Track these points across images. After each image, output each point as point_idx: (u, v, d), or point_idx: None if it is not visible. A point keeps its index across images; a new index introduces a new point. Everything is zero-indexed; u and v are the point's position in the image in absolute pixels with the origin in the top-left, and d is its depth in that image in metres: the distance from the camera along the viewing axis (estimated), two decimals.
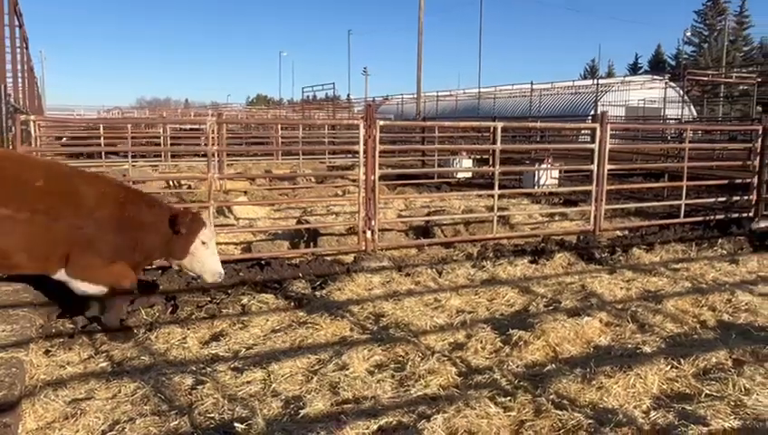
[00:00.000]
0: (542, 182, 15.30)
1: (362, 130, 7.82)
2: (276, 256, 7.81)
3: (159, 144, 20.60)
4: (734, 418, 3.88)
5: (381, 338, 5.25)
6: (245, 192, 13.47)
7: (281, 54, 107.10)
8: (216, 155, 14.40)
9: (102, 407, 4.05)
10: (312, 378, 4.46)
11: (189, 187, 14.40)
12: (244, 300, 6.37)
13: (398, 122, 23.30)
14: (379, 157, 8.15)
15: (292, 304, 6.29)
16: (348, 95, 63.43)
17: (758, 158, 10.90)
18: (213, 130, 15.38)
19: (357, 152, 8.10)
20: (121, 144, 18.03)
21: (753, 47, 73.53)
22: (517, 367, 4.73)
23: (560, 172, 16.19)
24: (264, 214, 11.48)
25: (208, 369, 4.63)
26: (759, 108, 27.18)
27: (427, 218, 10.16)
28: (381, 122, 8.36)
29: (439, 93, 50.61)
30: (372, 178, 8.06)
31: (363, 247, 8.11)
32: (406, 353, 4.89)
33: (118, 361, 4.90)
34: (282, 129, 23.38)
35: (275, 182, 15.86)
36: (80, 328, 5.55)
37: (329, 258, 8.03)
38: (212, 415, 3.94)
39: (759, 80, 34.72)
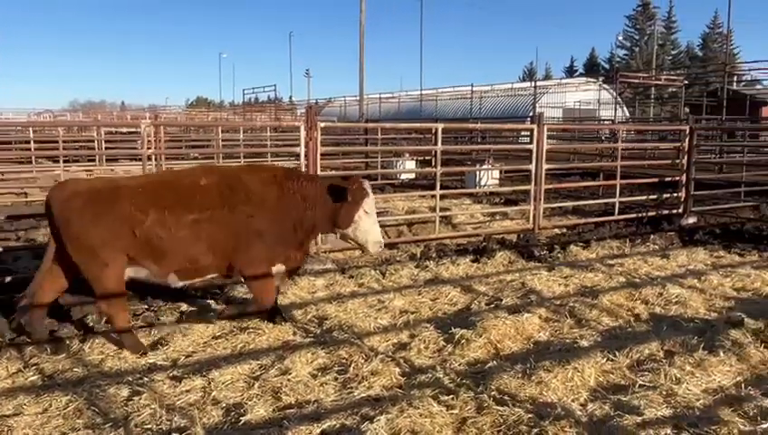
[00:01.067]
0: (483, 182, 15.55)
1: (303, 133, 7.76)
2: None
3: (94, 148, 19.89)
4: (666, 407, 4.03)
5: (325, 341, 5.22)
6: None
7: (221, 56, 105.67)
8: (152, 158, 14.00)
9: (32, 423, 3.87)
10: (253, 384, 4.39)
11: None
12: (184, 307, 6.21)
13: (339, 124, 23.27)
14: (322, 159, 8.11)
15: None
16: (290, 97, 62.96)
17: (686, 157, 11.39)
18: (149, 133, 14.97)
19: (299, 155, 8.04)
20: (53, 148, 17.33)
21: (680, 51, 76.97)
22: (460, 365, 4.78)
23: (500, 172, 16.50)
24: None
25: (145, 379, 4.49)
26: (687, 109, 28.45)
27: None
28: (322, 124, 8.33)
29: (382, 95, 50.81)
30: None
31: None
32: (349, 356, 4.87)
33: (49, 373, 4.69)
34: (222, 131, 22.95)
35: None
36: (7, 341, 5.29)
37: None
38: (149, 426, 3.82)
39: (686, 82, 36.34)
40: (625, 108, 40.83)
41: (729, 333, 5.23)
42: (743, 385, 4.34)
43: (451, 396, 4.13)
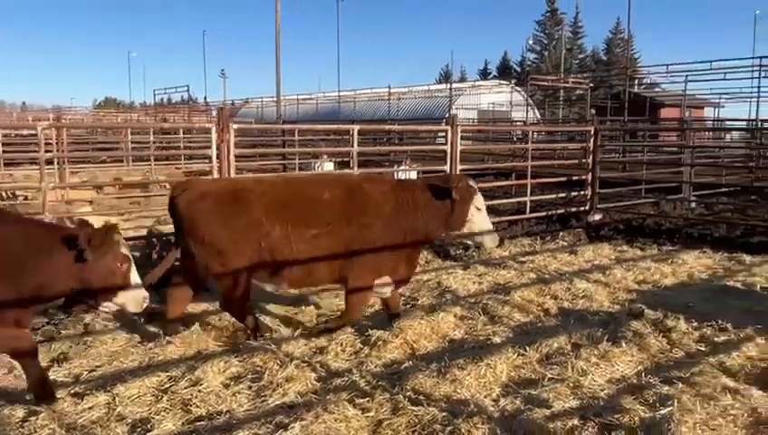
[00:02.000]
0: None
1: (215, 135, 7.55)
2: None
3: None
4: (573, 398, 4.18)
5: (239, 349, 5.08)
6: (91, 201, 12.52)
7: (130, 55, 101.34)
8: (54, 162, 13.26)
9: None
10: (161, 397, 4.21)
11: (26, 197, 13.12)
12: (87, 319, 5.89)
13: (253, 126, 22.83)
14: (237, 161, 7.92)
15: (143, 319, 5.91)
16: (204, 98, 61.21)
17: (591, 156, 11.92)
18: (50, 136, 14.18)
19: (211, 157, 7.80)
20: None
21: (586, 55, 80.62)
22: (376, 367, 4.78)
23: (417, 173, 16.70)
24: None
25: None
26: (593, 111, 29.79)
27: None
28: (235, 126, 8.12)
29: (300, 97, 50.40)
30: None
31: None
32: (264, 362, 4.76)
33: None
34: (132, 133, 22.05)
35: (125, 190, 14.90)
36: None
37: None
38: None
39: (592, 85, 38.09)
40: (536, 109, 42.35)
41: (631, 325, 5.51)
42: (643, 374, 4.57)
43: (367, 399, 4.11)
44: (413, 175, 16.27)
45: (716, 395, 4.15)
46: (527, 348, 4.99)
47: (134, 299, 4.26)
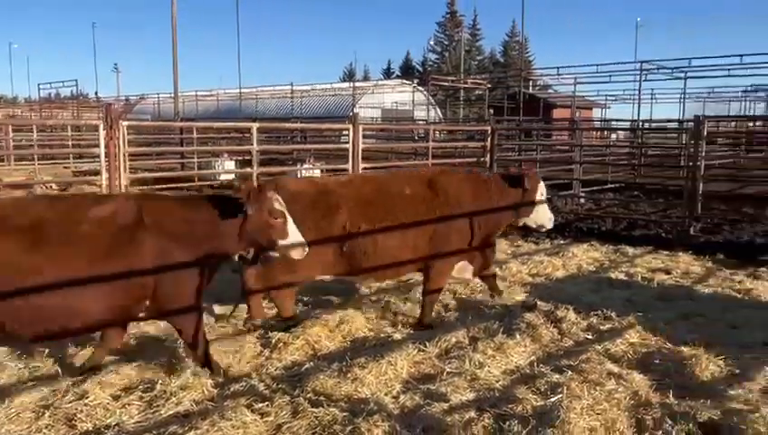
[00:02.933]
0: None
1: (102, 132, 7.15)
2: None
3: None
4: (470, 391, 4.29)
5: (132, 358, 4.83)
6: None
7: (11, 46, 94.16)
8: None
9: None
10: (43, 413, 3.91)
11: None
12: None
13: (147, 123, 21.89)
14: (131, 160, 7.55)
15: None
16: (96, 93, 57.98)
17: (489, 154, 12.31)
18: None
19: (99, 156, 7.39)
20: None
21: (484, 57, 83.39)
22: (276, 370, 4.69)
23: (322, 172, 16.61)
24: None
25: None
26: (491, 110, 30.91)
27: None
28: (126, 123, 7.74)
29: (199, 93, 48.83)
30: (119, 183, 7.43)
31: None
32: (158, 371, 4.56)
33: None
34: (13, 130, 20.52)
35: (6, 191, 13.84)
36: None
37: None
38: None
39: (489, 86, 39.43)
40: (438, 109, 43.30)
41: (524, 317, 5.73)
42: (535, 363, 4.76)
43: (266, 403, 4.03)
44: (317, 173, 16.20)
45: (602, 381, 4.40)
46: (427, 344, 5.07)
47: (294, 249, 4.66)
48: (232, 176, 17.01)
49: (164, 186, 14.64)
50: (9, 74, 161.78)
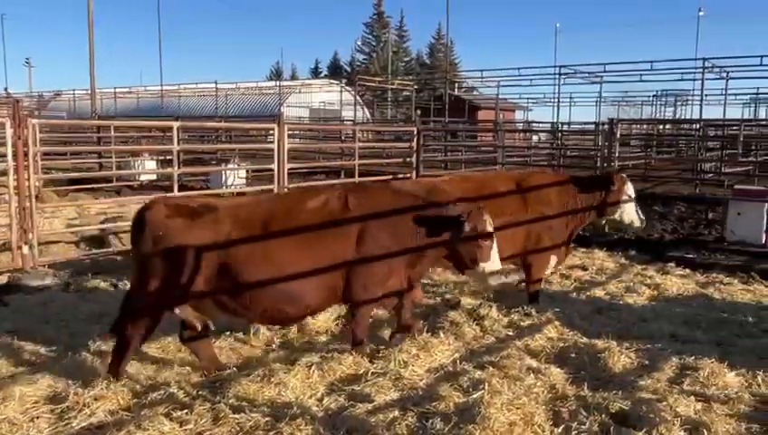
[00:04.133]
0: (229, 182, 15.22)
1: (9, 130, 6.76)
2: None
3: None
4: (394, 390, 4.32)
5: (45, 369, 4.58)
6: None
7: None
8: None
9: None
10: None
11: None
12: None
13: (59, 121, 20.88)
14: (45, 159, 7.17)
15: None
16: (5, 89, 54.75)
17: (415, 155, 12.46)
18: None
19: (5, 155, 6.98)
20: None
21: (411, 58, 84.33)
22: (198, 376, 4.57)
23: (247, 172, 16.33)
24: None
25: None
26: (418, 111, 31.34)
27: (102, 226, 9.30)
28: (36, 121, 7.35)
29: (118, 90, 46.99)
30: (29, 184, 7.05)
31: (20, 265, 7.03)
32: (70, 382, 4.34)
33: None
34: None
35: None
36: None
37: None
38: None
39: (416, 87, 39.90)
40: (365, 109, 43.43)
41: (448, 315, 5.83)
42: (458, 361, 4.85)
43: (185, 411, 3.90)
44: (242, 174, 15.92)
45: (521, 376, 4.53)
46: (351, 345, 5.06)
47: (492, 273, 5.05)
48: (153, 176, 16.49)
49: (80, 186, 14.01)
50: None
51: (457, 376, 4.53)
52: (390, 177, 13.52)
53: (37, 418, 3.84)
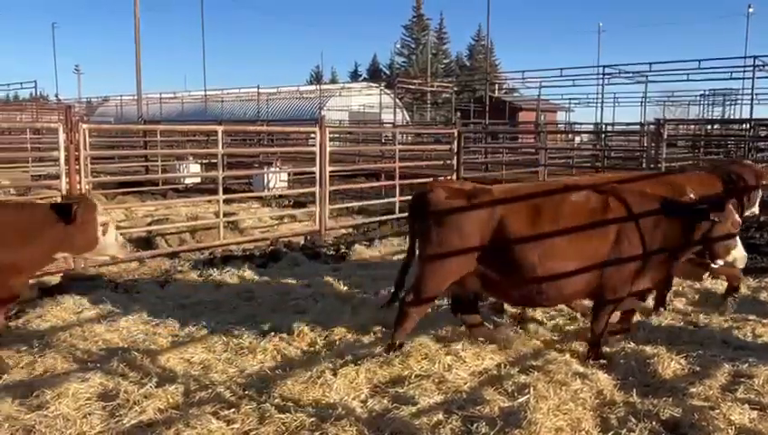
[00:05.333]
0: (271, 185, 15.43)
1: (62, 135, 6.98)
2: None
3: None
4: (438, 393, 4.30)
5: (96, 367, 4.71)
6: None
7: None
8: None
9: None
10: (1, 426, 3.79)
11: None
12: None
13: (107, 126, 21.48)
14: (94, 163, 7.39)
15: None
16: (56, 95, 56.68)
17: (456, 157, 12.40)
18: None
19: (58, 160, 7.21)
20: None
21: (451, 60, 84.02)
22: (245, 375, 4.63)
23: (289, 175, 16.52)
24: None
25: None
26: (458, 113, 31.24)
27: (148, 228, 9.52)
28: (86, 126, 7.58)
29: (163, 95, 48.14)
30: (80, 187, 7.27)
31: (71, 266, 7.24)
32: (122, 380, 4.45)
33: None
34: None
35: None
36: None
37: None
38: None
39: (456, 89, 39.75)
40: (405, 112, 43.48)
41: (493, 318, 5.77)
42: (503, 365, 4.80)
43: (232, 410, 3.97)
44: (284, 177, 16.12)
45: (568, 380, 4.45)
46: (395, 347, 5.05)
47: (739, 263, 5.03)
48: (197, 179, 16.83)
49: (127, 189, 14.38)
50: None
51: (502, 380, 4.49)
52: (431, 179, 13.53)
53: (90, 414, 3.94)
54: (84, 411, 3.96)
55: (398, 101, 38.45)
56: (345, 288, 7.09)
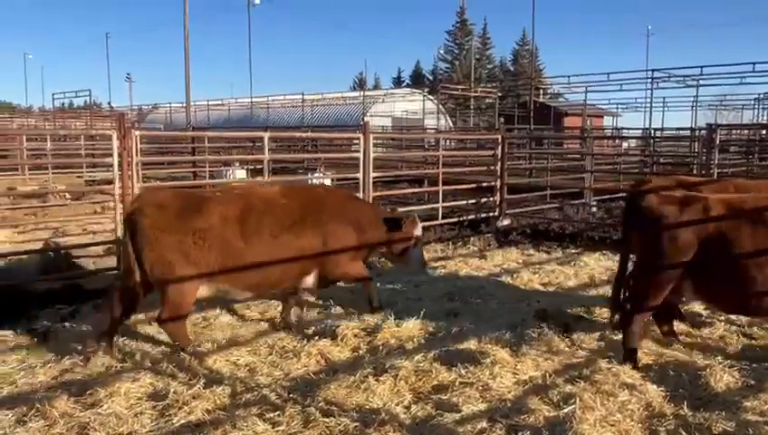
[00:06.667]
0: None
1: (115, 142, 7.21)
2: (16, 285, 6.84)
3: None
4: (482, 401, 4.27)
5: (146, 368, 4.85)
6: None
7: (26, 57, 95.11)
8: None
9: None
10: (57, 422, 3.94)
11: None
12: None
13: (157, 132, 22.04)
14: (144, 169, 7.61)
15: (36, 339, 5.55)
16: (109, 103, 58.51)
17: (500, 163, 12.29)
18: None
19: (112, 165, 7.45)
20: None
21: (495, 65, 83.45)
22: (290, 379, 4.69)
23: (332, 181, 16.65)
24: (3, 238, 10.01)
25: None
26: (501, 119, 30.96)
27: None
28: (138, 133, 7.81)
29: (210, 103, 49.18)
30: (132, 192, 7.48)
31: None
32: (171, 380, 4.57)
33: None
34: (28, 140, 20.75)
35: (20, 201, 13.98)
36: None
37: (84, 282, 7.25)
38: None
39: (500, 94, 39.43)
40: (448, 117, 43.34)
41: (537, 326, 5.69)
42: (548, 374, 4.72)
43: (277, 412, 4.04)
44: (327, 182, 16.25)
45: (615, 391, 4.36)
46: (439, 353, 5.05)
47: None
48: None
49: None
50: (24, 84, 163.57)
51: (547, 389, 4.43)
52: (474, 185, 13.45)
53: (141, 413, 4.06)
54: (136, 410, 4.09)
55: (441, 106, 38.38)
56: (387, 294, 7.10)
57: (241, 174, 17.62)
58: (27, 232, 10.68)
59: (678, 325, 5.77)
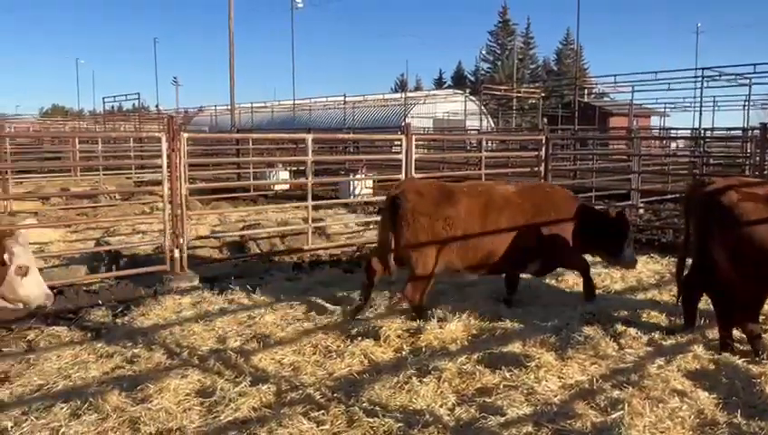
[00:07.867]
0: (357, 192, 15.66)
1: (165, 144, 7.39)
2: (71, 284, 7.09)
3: None
4: (527, 405, 4.21)
5: (193, 363, 4.95)
6: (36, 213, 12.10)
7: (78, 62, 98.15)
8: None
9: None
10: (110, 416, 4.06)
11: None
12: (31, 335, 5.67)
13: (204, 135, 22.49)
14: (190, 170, 7.78)
15: (89, 335, 5.73)
16: (156, 106, 60.04)
17: (543, 164, 12.12)
18: None
19: (161, 166, 7.64)
20: None
21: (538, 65, 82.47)
22: (334, 378, 4.72)
23: (374, 182, 16.72)
24: (57, 237, 10.36)
25: None
26: (545, 119, 30.54)
27: (241, 233, 9.90)
28: (186, 135, 7.99)
29: (254, 105, 49.96)
30: (180, 193, 7.66)
31: (170, 268, 7.64)
32: (218, 377, 4.66)
33: None
34: (80, 142, 21.44)
35: (73, 201, 14.46)
36: None
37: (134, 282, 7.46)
38: None
39: (543, 94, 38.93)
40: (490, 118, 42.99)
41: (582, 330, 5.59)
42: (595, 378, 4.64)
43: (322, 411, 4.06)
44: (369, 184, 16.33)
45: (665, 398, 4.26)
46: (482, 355, 5.01)
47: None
48: (286, 186, 17.34)
49: (220, 195, 15.03)
50: (76, 88, 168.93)
51: (594, 394, 4.35)
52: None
53: (189, 409, 4.15)
54: (184, 406, 4.18)
55: (482, 107, 38.11)
56: (430, 295, 7.06)
57: (284, 175, 17.86)
58: (79, 231, 11.03)
59: (734, 331, 5.58)
